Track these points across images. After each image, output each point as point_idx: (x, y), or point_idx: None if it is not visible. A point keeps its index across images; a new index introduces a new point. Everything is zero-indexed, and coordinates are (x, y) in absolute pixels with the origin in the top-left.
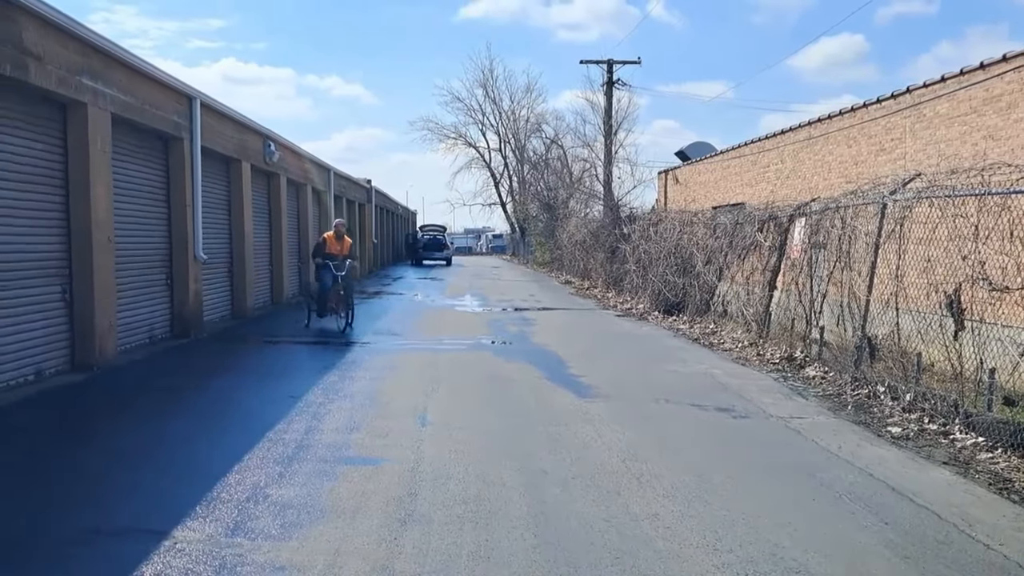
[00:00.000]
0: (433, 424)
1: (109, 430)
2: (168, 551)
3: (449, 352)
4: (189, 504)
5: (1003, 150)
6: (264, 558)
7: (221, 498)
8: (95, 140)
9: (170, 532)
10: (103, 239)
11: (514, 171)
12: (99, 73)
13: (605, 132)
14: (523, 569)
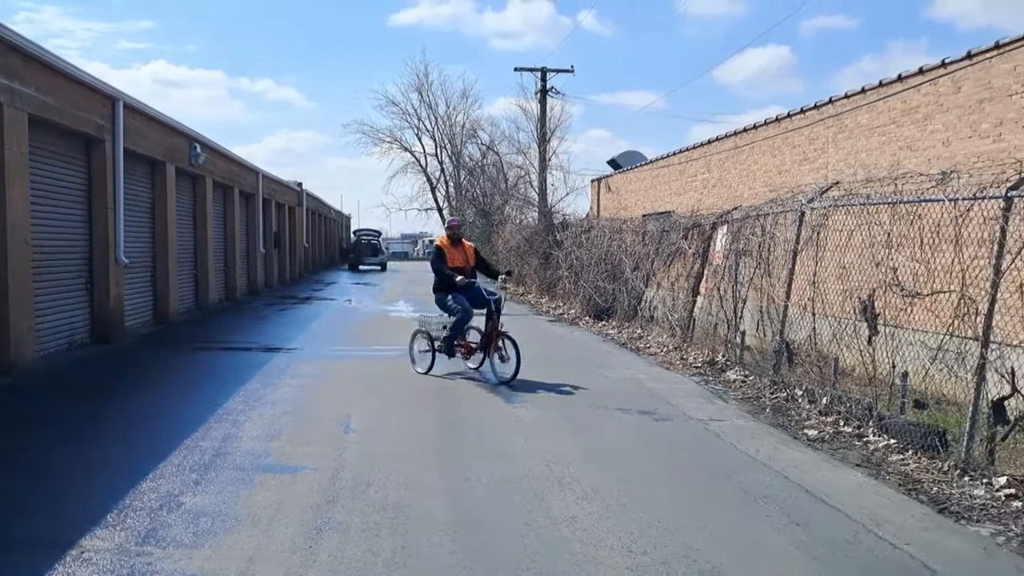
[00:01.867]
0: (358, 431)
1: (20, 437)
2: (75, 561)
3: (380, 359)
4: (99, 513)
5: (920, 160)
6: (175, 566)
7: (133, 507)
8: (12, 141)
9: (78, 542)
10: (19, 242)
11: (450, 176)
12: (16, 72)
13: (539, 140)
14: (438, 575)
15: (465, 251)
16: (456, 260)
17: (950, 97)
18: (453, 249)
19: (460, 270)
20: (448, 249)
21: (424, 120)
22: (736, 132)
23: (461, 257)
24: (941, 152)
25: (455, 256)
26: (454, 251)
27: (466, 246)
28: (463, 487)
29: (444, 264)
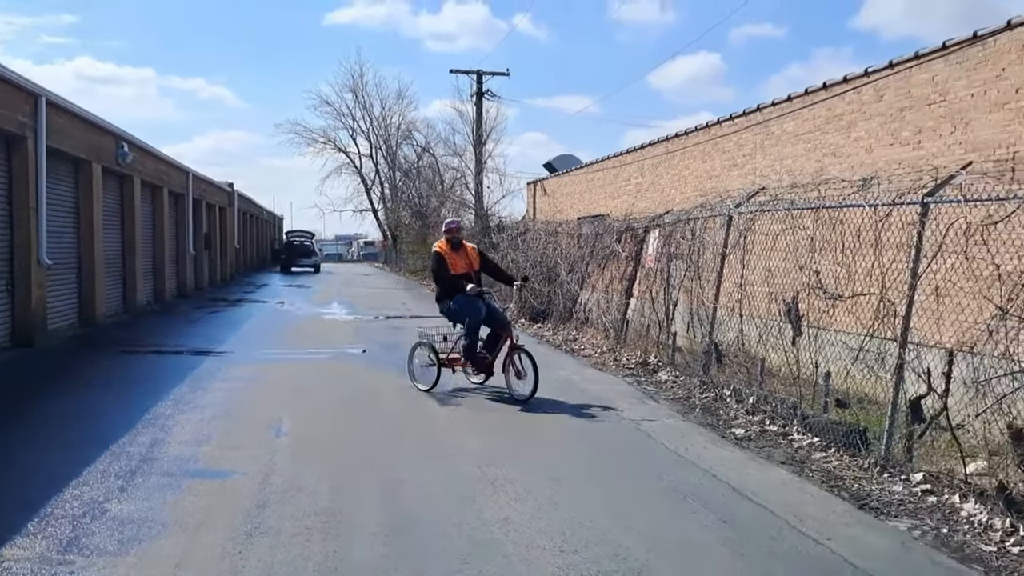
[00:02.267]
0: (289, 435)
1: None
2: None
3: (313, 362)
4: (20, 522)
5: (843, 166)
6: (98, 574)
7: (55, 515)
8: None
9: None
10: None
11: (386, 178)
12: None
13: (475, 142)
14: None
15: (468, 255)
16: (458, 266)
17: (873, 105)
18: (454, 254)
19: (464, 277)
20: (448, 254)
21: (359, 121)
22: (668, 138)
23: (464, 262)
24: (864, 159)
25: (457, 262)
26: (455, 256)
27: (468, 249)
28: (396, 490)
29: (446, 270)
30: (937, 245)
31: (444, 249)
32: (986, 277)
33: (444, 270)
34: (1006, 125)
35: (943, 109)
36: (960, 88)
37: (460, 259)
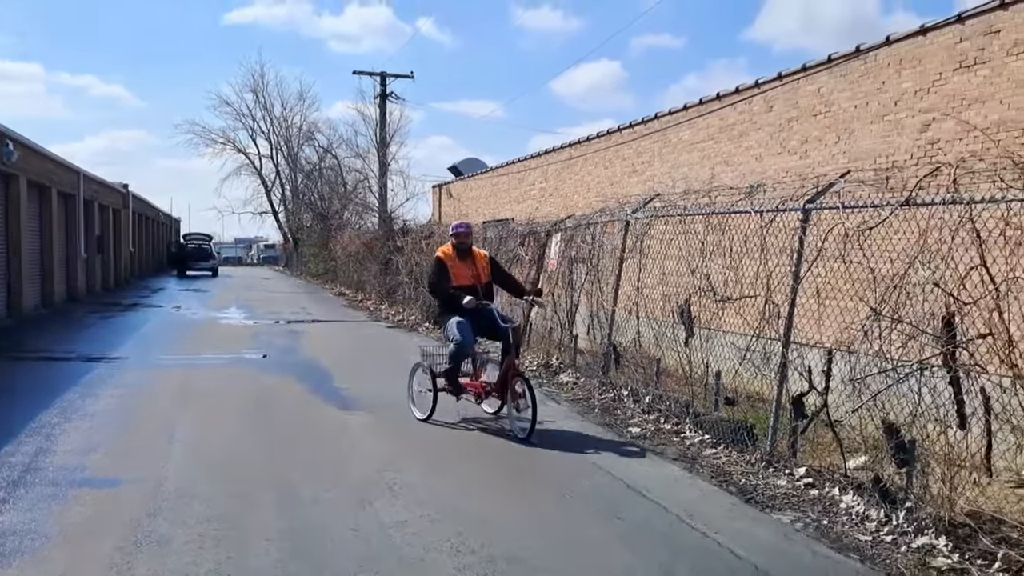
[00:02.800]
0: (183, 443)
1: None
2: None
3: (209, 367)
4: None
5: (735, 174)
6: None
7: None
8: None
9: None
10: None
11: (287, 179)
12: None
13: (378, 144)
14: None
15: (476, 264)
16: (463, 276)
17: (763, 115)
18: (460, 263)
19: (468, 289)
20: (452, 262)
21: (259, 121)
22: (571, 144)
23: (470, 272)
24: (754, 167)
25: (461, 271)
26: (461, 264)
27: (478, 256)
28: (292, 496)
29: (446, 281)
30: (817, 249)
31: (448, 255)
32: (862, 280)
33: (443, 281)
34: (885, 136)
35: (828, 120)
36: (844, 100)
37: (466, 268)
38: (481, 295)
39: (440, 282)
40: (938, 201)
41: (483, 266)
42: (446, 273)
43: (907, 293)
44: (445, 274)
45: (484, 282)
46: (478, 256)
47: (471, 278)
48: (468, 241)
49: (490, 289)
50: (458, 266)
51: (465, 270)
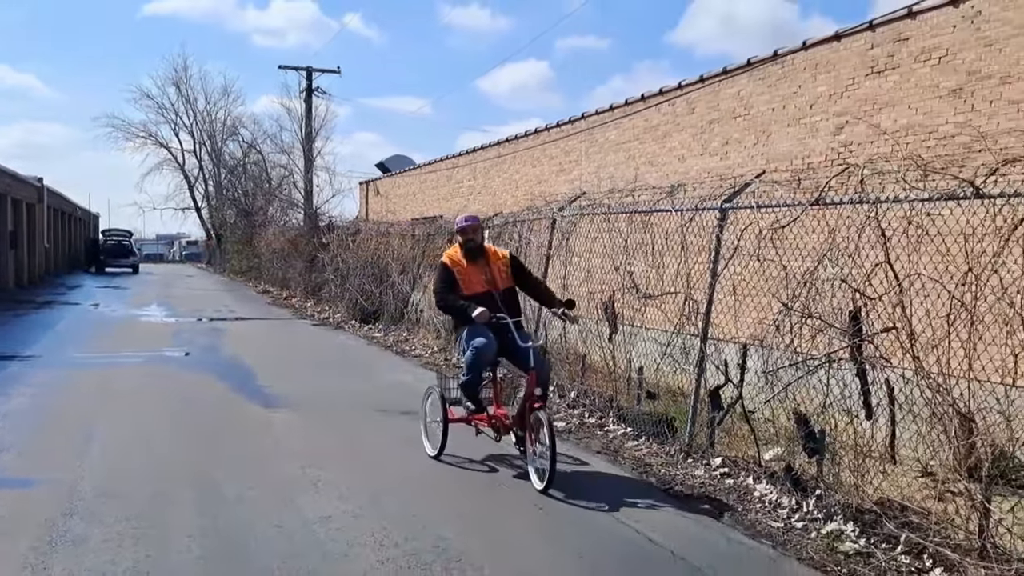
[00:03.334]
0: (101, 442)
1: None
2: None
3: (129, 365)
4: None
5: (659, 174)
6: None
7: None
8: None
9: None
10: None
11: (210, 175)
12: None
13: (304, 139)
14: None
15: (492, 265)
16: (475, 283)
17: (685, 117)
18: (471, 265)
19: (481, 298)
20: (461, 267)
21: (182, 115)
22: (500, 142)
23: (483, 277)
24: (677, 167)
25: (473, 277)
26: (472, 268)
27: (494, 256)
28: (214, 494)
29: (453, 291)
30: (734, 247)
31: (454, 260)
32: (776, 277)
33: (451, 291)
34: (801, 138)
35: (747, 122)
36: (762, 103)
37: (478, 273)
38: (499, 304)
39: (446, 293)
40: (846, 201)
41: (501, 268)
42: (453, 281)
43: (817, 289)
44: (452, 283)
45: (503, 288)
46: (494, 256)
47: (485, 284)
48: (478, 238)
49: (512, 298)
50: (468, 271)
51: (477, 275)
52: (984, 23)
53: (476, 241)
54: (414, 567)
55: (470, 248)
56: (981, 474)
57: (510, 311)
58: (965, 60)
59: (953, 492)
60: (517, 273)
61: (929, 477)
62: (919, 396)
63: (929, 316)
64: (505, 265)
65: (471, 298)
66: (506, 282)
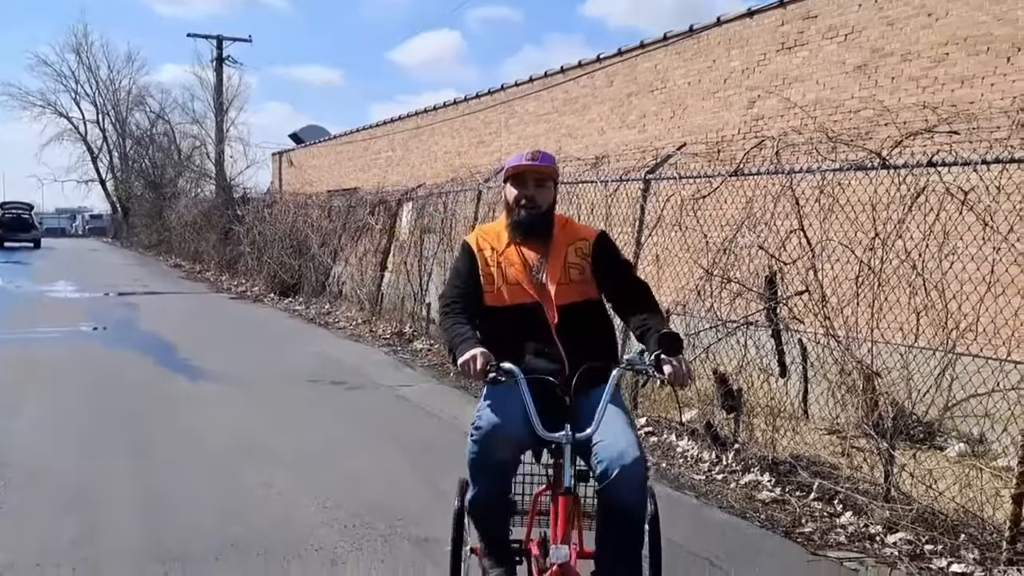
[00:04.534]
0: (24, 420)
1: None
2: None
3: (44, 341)
4: None
5: (580, 146)
6: None
7: None
8: None
9: None
10: None
11: (115, 146)
12: None
13: (216, 109)
14: (131, 550)
15: (556, 255)
16: (517, 284)
17: (604, 90)
18: (517, 251)
19: (520, 313)
20: (494, 254)
21: (83, 84)
22: (418, 113)
23: (531, 271)
24: (597, 140)
25: (515, 272)
26: (515, 257)
27: (567, 235)
28: (148, 467)
29: (468, 300)
30: (657, 217)
31: (486, 238)
32: (696, 246)
33: (466, 298)
34: (716, 112)
35: (664, 95)
36: (679, 77)
37: (523, 266)
38: (552, 332)
39: (455, 303)
40: (763, 171)
41: (573, 259)
42: (473, 280)
43: (735, 256)
44: (470, 283)
45: (564, 300)
46: (568, 233)
47: (533, 287)
48: (544, 197)
49: (586, 319)
50: (508, 260)
51: (521, 269)
52: (887, 3)
53: (540, 205)
54: (359, 527)
55: (524, 218)
56: (885, 427)
57: (573, 347)
58: (869, 38)
59: (857, 448)
60: (603, 268)
61: (836, 434)
62: (828, 356)
63: (838, 280)
64: (583, 254)
65: (505, 312)
66: (576, 286)
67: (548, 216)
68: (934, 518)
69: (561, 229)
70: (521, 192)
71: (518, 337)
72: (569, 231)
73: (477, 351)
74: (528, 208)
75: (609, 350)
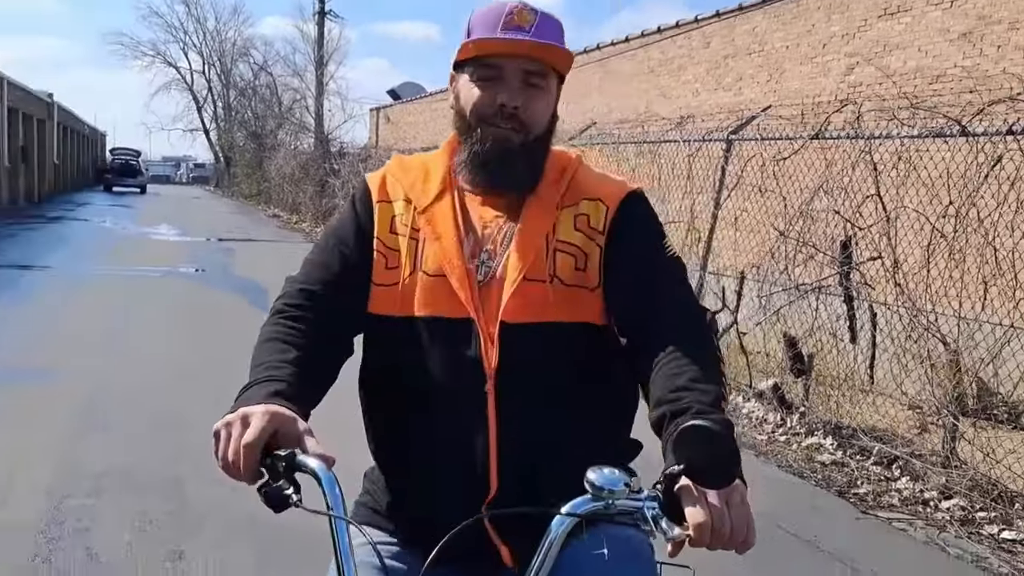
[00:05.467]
0: (124, 345)
1: None
2: None
3: (144, 279)
4: None
5: (672, 108)
6: None
7: None
8: None
9: None
10: None
11: (219, 96)
12: None
13: (316, 63)
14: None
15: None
16: (445, 261)
17: (701, 51)
18: (452, 204)
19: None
20: (409, 211)
21: (191, 35)
22: None
23: (468, 247)
24: (691, 102)
25: (439, 241)
26: (444, 216)
27: (568, 178)
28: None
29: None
30: (737, 179)
31: (400, 181)
32: (774, 210)
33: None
34: (813, 77)
35: (761, 59)
36: (777, 40)
37: (453, 238)
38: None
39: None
40: (843, 136)
41: (579, 237)
42: (354, 254)
43: (811, 219)
44: (345, 257)
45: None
46: (568, 183)
47: (469, 285)
48: (542, 113)
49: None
50: (435, 226)
51: (452, 244)
52: None
53: (528, 126)
54: None
55: (492, 149)
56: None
57: (525, 432)
58: (976, 5)
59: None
60: (626, 263)
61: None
62: (897, 322)
63: (911, 247)
64: (593, 227)
65: (402, 330)
66: (562, 293)
67: (538, 149)
68: (992, 487)
69: (558, 175)
70: (493, 95)
71: (416, 395)
72: (574, 181)
73: (257, 411)
74: (506, 127)
75: (611, 445)
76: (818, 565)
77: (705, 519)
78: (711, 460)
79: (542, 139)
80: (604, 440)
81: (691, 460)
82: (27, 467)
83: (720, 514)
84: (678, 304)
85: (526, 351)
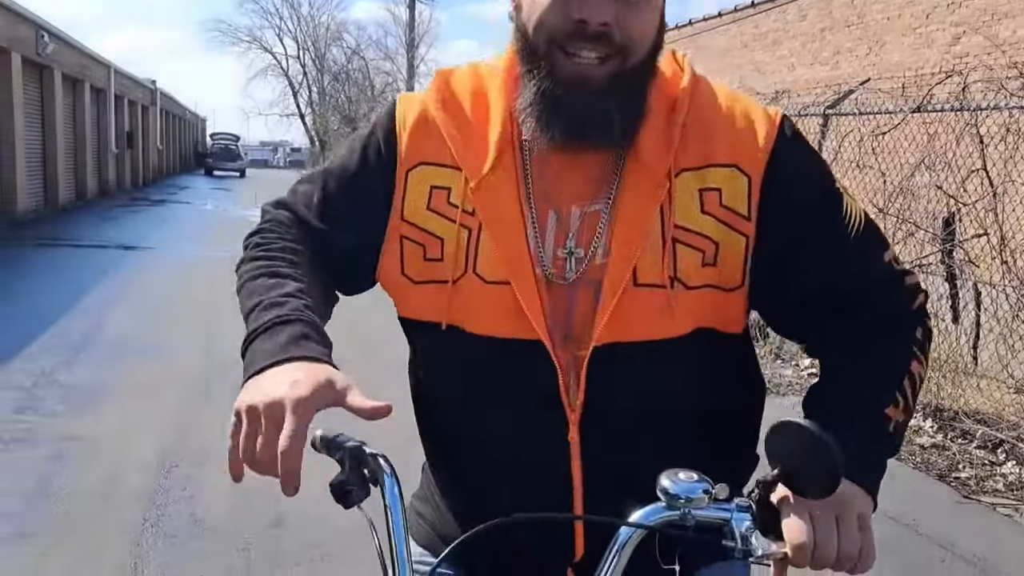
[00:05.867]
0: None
1: None
2: None
3: None
4: None
5: (767, 83)
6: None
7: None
8: None
9: None
10: None
11: (314, 81)
12: None
13: (407, 46)
14: None
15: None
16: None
17: (797, 24)
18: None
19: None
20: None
21: (286, 20)
22: None
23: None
24: (786, 76)
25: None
26: (505, 191)
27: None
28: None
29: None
30: (834, 154)
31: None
32: (873, 186)
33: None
34: (916, 49)
35: (860, 31)
36: (876, 11)
37: (516, 225)
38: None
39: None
40: (947, 108)
41: (719, 213)
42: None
43: (912, 195)
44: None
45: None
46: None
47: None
48: (645, 31)
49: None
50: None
51: (513, 233)
52: None
53: (625, 46)
54: None
55: (572, 82)
56: None
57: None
58: None
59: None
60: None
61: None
62: (1004, 301)
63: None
64: (736, 194)
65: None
66: (695, 299)
67: (638, 83)
68: None
69: (667, 116)
70: (571, 5)
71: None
72: (692, 123)
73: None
74: (590, 55)
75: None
76: (917, 548)
77: (806, 539)
78: (814, 467)
79: (644, 67)
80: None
81: (789, 465)
82: (139, 437)
83: (826, 532)
84: (867, 294)
85: (629, 383)
